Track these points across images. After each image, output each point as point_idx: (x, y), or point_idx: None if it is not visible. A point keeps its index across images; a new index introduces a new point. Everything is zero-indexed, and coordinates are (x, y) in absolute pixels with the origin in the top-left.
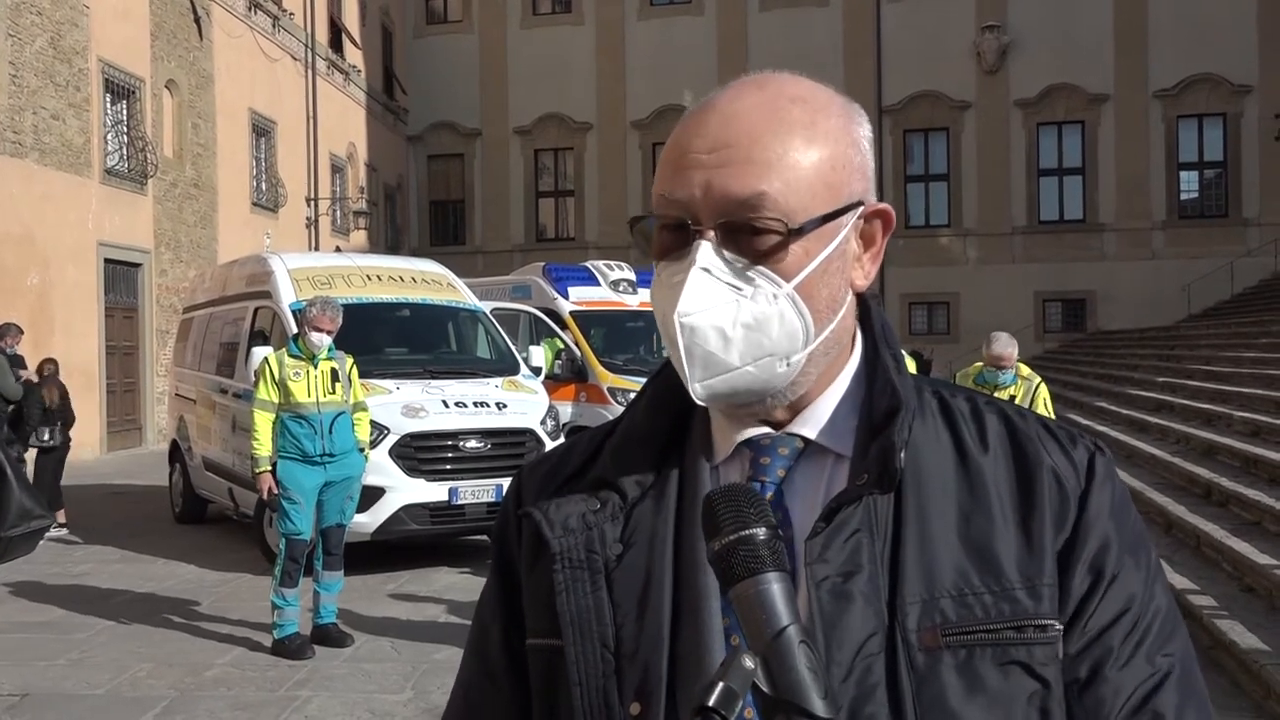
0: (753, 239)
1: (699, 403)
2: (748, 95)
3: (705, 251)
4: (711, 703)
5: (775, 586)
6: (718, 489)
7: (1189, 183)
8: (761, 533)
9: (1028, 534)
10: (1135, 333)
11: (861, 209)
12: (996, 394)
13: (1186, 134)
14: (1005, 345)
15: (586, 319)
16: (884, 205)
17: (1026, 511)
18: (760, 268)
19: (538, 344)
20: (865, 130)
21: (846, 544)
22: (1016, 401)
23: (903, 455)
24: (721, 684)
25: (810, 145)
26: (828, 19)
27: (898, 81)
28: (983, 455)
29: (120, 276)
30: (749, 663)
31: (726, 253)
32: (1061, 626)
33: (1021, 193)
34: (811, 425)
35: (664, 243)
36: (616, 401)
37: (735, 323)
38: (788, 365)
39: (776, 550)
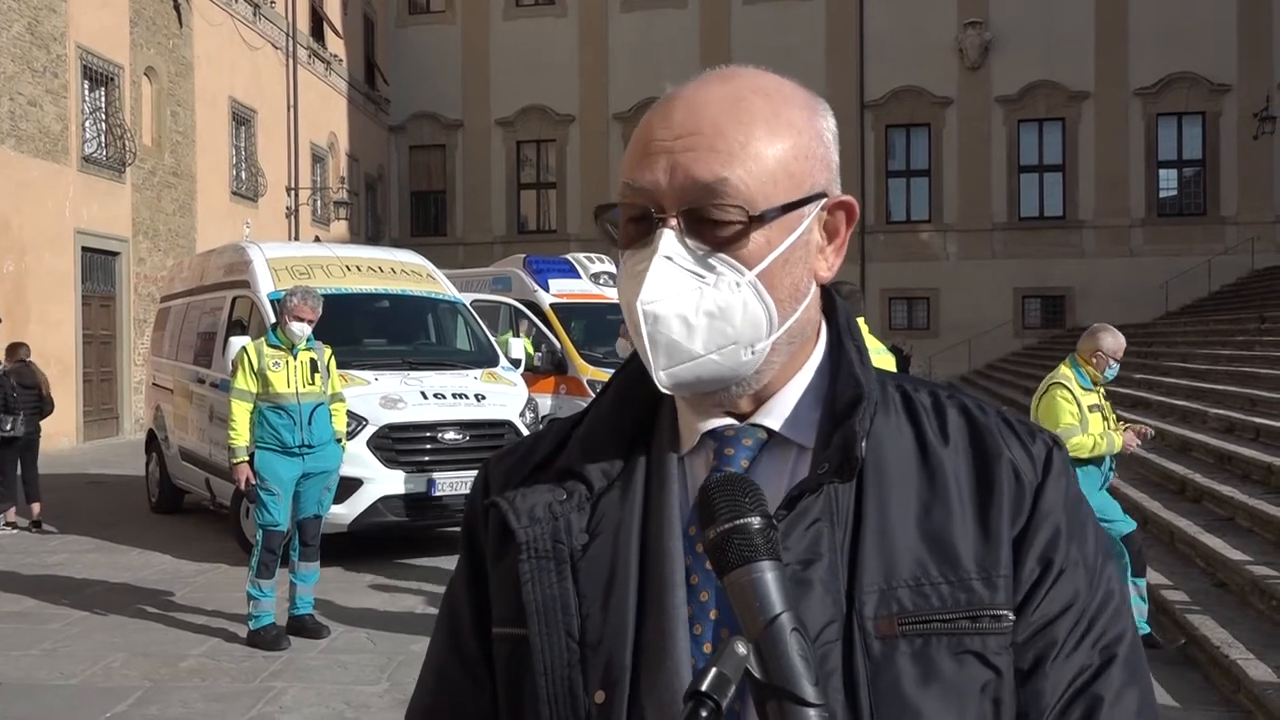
0: (714, 226)
1: (664, 391)
2: (712, 87)
3: (668, 239)
4: (705, 687)
5: (769, 575)
6: (714, 478)
7: (1168, 181)
8: (756, 522)
9: (985, 526)
10: None
11: (824, 200)
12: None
13: (1166, 132)
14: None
15: (567, 311)
16: (847, 197)
17: (985, 503)
18: (722, 255)
19: (517, 336)
20: (829, 123)
21: (807, 532)
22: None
23: (864, 445)
24: (715, 669)
25: (773, 135)
26: (811, 13)
27: (880, 77)
28: (943, 448)
29: (98, 265)
30: (742, 649)
31: (689, 240)
32: (1014, 617)
33: (1002, 189)
34: (775, 416)
35: (629, 233)
36: (595, 394)
37: (698, 310)
38: (752, 353)
39: (771, 539)
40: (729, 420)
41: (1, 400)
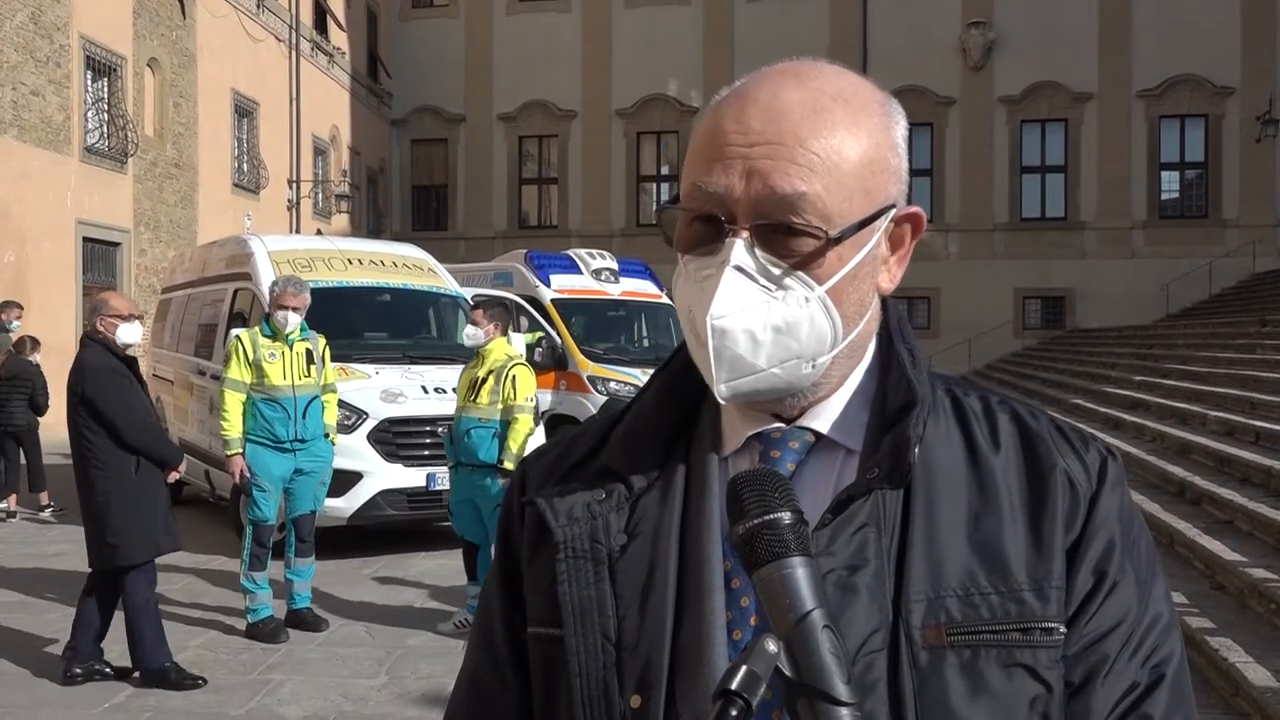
0: (789, 240)
1: (721, 401)
2: (789, 90)
3: (739, 250)
4: (734, 686)
5: (800, 571)
6: (743, 473)
7: (1170, 183)
8: (787, 517)
9: (1037, 535)
10: (1113, 331)
11: (893, 212)
12: None
13: (1168, 134)
14: None
15: (567, 307)
16: (915, 209)
17: (1037, 512)
18: (796, 273)
19: (519, 331)
20: (902, 130)
21: (854, 537)
22: None
23: (915, 451)
24: (745, 667)
25: (852, 148)
26: (814, 11)
27: (883, 76)
28: (994, 454)
29: (99, 255)
30: (772, 647)
31: (760, 253)
32: (1065, 630)
33: (1004, 189)
34: (823, 419)
35: (693, 235)
36: (596, 390)
37: (765, 325)
38: (813, 368)
39: (801, 535)
40: (776, 423)
41: None
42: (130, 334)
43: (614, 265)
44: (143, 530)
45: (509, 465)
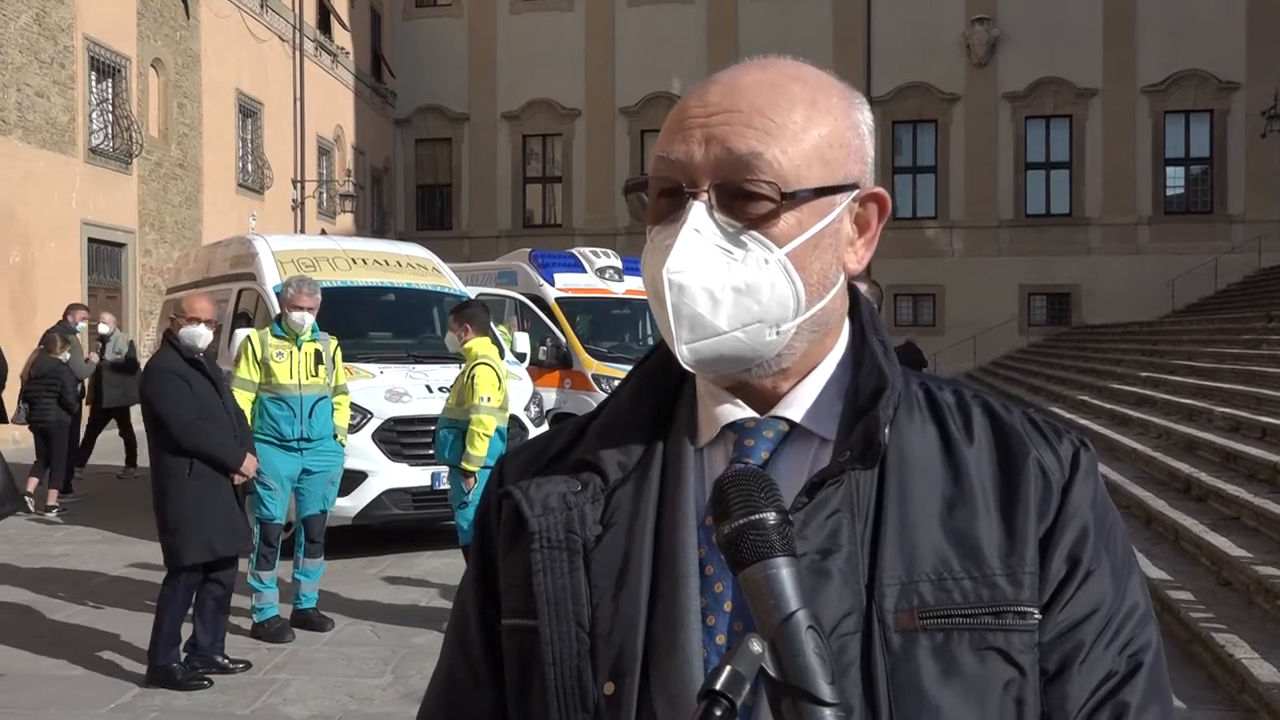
0: (746, 202)
1: (685, 367)
2: (751, 72)
3: (697, 212)
4: (719, 686)
5: (784, 571)
6: (729, 473)
7: (1175, 179)
8: (772, 517)
9: (1010, 524)
10: (1119, 327)
11: (856, 191)
12: None
13: (1173, 130)
14: None
15: (572, 305)
16: (879, 190)
17: (1010, 502)
18: (752, 232)
19: (524, 330)
20: (865, 116)
21: (827, 522)
22: None
23: (886, 431)
24: (729, 667)
25: (810, 121)
26: (817, 8)
27: (887, 73)
28: (968, 446)
29: (104, 256)
30: (757, 647)
31: (719, 215)
32: (1039, 616)
33: (1008, 186)
34: (796, 408)
35: (659, 208)
36: (601, 389)
37: (725, 285)
38: (777, 334)
39: (786, 535)
40: (750, 412)
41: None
42: (190, 336)
43: (618, 264)
44: (194, 532)
45: (465, 466)
